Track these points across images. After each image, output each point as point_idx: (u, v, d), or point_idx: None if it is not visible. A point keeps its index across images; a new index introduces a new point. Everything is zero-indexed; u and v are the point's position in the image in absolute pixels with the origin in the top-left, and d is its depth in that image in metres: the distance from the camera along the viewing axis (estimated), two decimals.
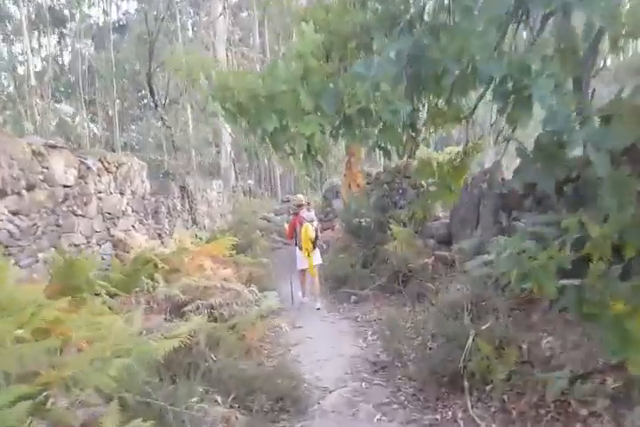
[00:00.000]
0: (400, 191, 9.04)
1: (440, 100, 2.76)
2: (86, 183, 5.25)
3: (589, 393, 2.97)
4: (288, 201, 14.43)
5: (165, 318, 4.36)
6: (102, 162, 5.49)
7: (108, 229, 5.61)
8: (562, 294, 2.38)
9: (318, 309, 7.29)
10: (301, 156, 2.66)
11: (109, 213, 5.67)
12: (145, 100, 22.47)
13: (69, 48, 30.03)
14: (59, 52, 30.75)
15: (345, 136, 2.54)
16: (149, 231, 6.99)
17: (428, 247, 7.30)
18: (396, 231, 7.47)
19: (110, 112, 22.76)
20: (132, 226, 6.35)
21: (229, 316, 4.82)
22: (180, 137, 9.78)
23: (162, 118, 9.29)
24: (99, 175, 5.41)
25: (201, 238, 8.52)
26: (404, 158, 11.40)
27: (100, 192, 5.47)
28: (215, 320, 4.73)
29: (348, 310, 7.34)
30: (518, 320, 4.09)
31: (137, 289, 4.74)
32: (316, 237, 7.45)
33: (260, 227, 15.99)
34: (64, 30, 29.03)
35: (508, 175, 6.33)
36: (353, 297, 7.69)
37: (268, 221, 18.81)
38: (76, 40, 27.57)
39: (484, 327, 4.01)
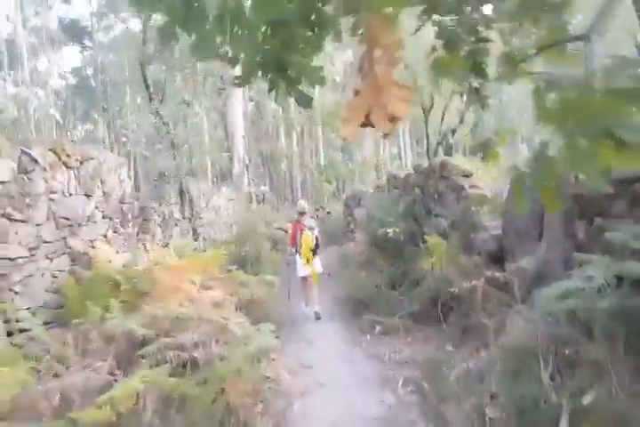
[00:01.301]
0: (436, 196, 7.68)
1: None
2: (30, 180, 4.10)
3: None
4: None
5: (111, 373, 3.10)
6: (57, 154, 4.35)
7: (65, 239, 4.45)
8: None
9: (319, 318, 7.13)
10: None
11: (67, 219, 4.51)
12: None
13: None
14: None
15: None
16: (130, 242, 5.83)
17: (477, 266, 5.91)
18: (432, 245, 6.12)
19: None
20: (104, 235, 5.19)
21: (205, 361, 3.53)
22: (181, 135, 8.66)
23: (157, 113, 8.22)
24: (51, 171, 4.27)
25: (196, 251, 7.34)
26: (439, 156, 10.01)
27: (53, 192, 4.32)
28: (184, 367, 3.45)
29: (372, 343, 5.99)
30: None
31: (79, 321, 3.52)
32: (317, 245, 7.49)
33: (275, 238, 14.81)
34: None
35: None
36: (377, 327, 6.33)
37: (286, 231, 17.66)
38: None
39: (586, 402, 2.61)
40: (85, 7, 39.88)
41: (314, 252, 7.43)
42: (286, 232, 17.55)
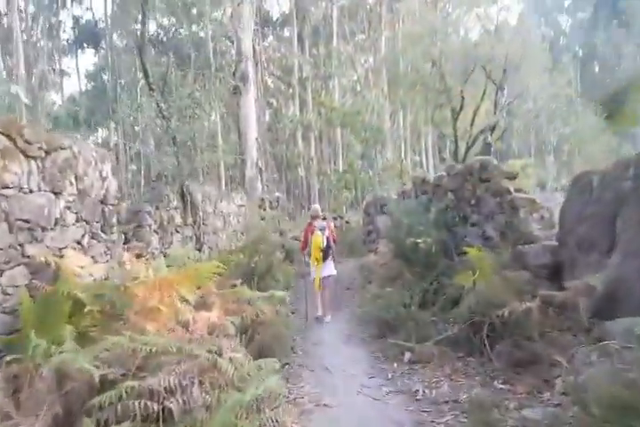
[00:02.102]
0: (472, 201, 6.75)
1: None
2: None
3: None
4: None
5: None
6: (12, 139, 3.57)
7: (22, 246, 3.65)
8: None
9: (320, 323, 7.29)
10: None
11: (26, 221, 3.71)
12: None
13: None
14: None
15: None
16: (114, 251, 5.02)
17: (528, 283, 4.95)
18: (475, 257, 5.18)
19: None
20: (78, 242, 4.39)
21: (183, 413, 2.67)
22: (184, 132, 7.88)
23: (157, 104, 7.47)
24: (3, 159, 3.48)
25: (196, 261, 6.52)
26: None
27: (6, 187, 3.54)
28: (153, 423, 2.61)
29: (402, 374, 5.05)
30: None
31: (17, 357, 2.69)
32: (329, 246, 7.50)
33: (290, 248, 13.94)
34: None
35: None
36: (407, 354, 5.40)
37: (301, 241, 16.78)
38: None
39: None
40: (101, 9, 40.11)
41: (325, 253, 7.48)
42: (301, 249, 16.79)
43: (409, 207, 7.22)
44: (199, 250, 8.09)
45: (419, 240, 6.20)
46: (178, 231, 7.79)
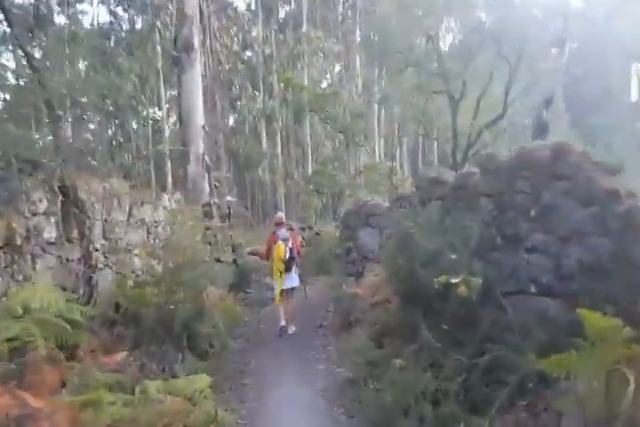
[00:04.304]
0: (534, 213, 4.21)
1: None
2: None
3: None
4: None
5: None
6: None
7: None
8: None
9: (280, 335, 7.10)
10: None
11: None
12: None
13: None
14: None
15: None
16: None
17: None
18: (594, 323, 2.59)
19: None
20: None
21: None
22: (62, 92, 5.09)
23: (19, 46, 4.67)
24: None
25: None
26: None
27: None
28: None
29: None
30: None
31: None
32: (292, 257, 7.37)
33: (245, 266, 11.19)
34: None
35: None
36: None
37: (261, 257, 14.07)
38: None
39: None
40: None
41: (288, 264, 7.33)
42: (261, 258, 14.10)
43: (428, 221, 4.57)
44: (89, 280, 5.26)
45: (455, 280, 3.58)
46: (47, 252, 4.94)
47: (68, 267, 5.32)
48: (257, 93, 20.58)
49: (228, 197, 11.13)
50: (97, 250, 5.58)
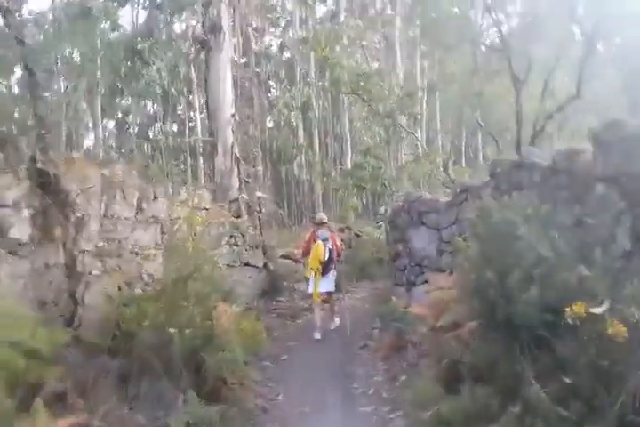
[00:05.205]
0: None
1: None
2: None
3: None
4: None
5: None
6: None
7: None
8: None
9: (318, 340, 6.82)
10: None
11: None
12: None
13: None
14: None
15: None
16: None
17: None
18: None
19: None
20: None
21: None
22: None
23: None
24: None
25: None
26: None
27: None
28: None
29: None
30: None
31: None
32: (331, 258, 7.11)
33: (277, 270, 10.03)
34: None
35: None
36: None
37: (296, 260, 12.87)
38: None
39: None
40: None
41: (326, 266, 7.06)
42: (295, 262, 12.90)
43: (542, 216, 3.17)
44: (69, 314, 4.17)
45: (597, 309, 2.22)
46: (16, 255, 3.86)
47: (49, 275, 4.25)
48: (291, 82, 19.47)
49: (259, 194, 10.01)
50: (85, 252, 4.47)
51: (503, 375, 3.15)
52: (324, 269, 7.04)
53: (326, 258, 7.02)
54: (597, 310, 2.28)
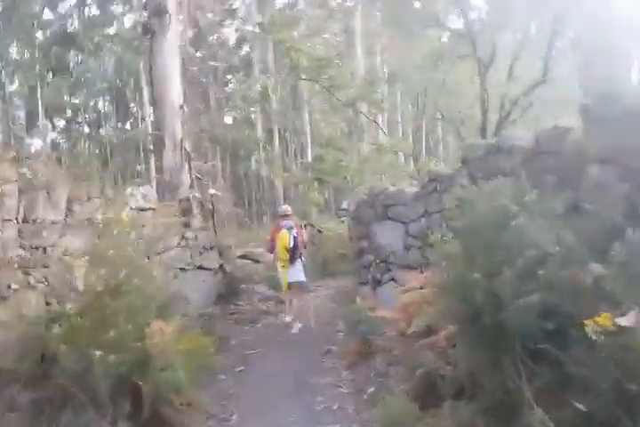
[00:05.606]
0: None
1: None
2: None
3: None
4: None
5: None
6: None
7: None
8: None
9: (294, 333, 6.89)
10: None
11: None
12: None
13: None
14: None
15: None
16: None
17: None
18: None
19: None
20: None
21: None
22: None
23: None
24: None
25: None
26: None
27: None
28: None
29: None
30: None
31: None
32: (296, 245, 7.17)
33: (233, 272, 9.37)
34: None
35: None
36: None
37: (256, 260, 12.27)
38: None
39: None
40: None
41: (292, 254, 7.14)
42: (255, 262, 12.34)
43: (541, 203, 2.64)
44: None
45: (624, 321, 1.72)
46: None
47: None
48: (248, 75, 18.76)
49: (213, 191, 9.31)
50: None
51: (491, 391, 2.66)
52: (292, 257, 7.13)
53: (292, 245, 7.09)
54: (627, 321, 1.79)
